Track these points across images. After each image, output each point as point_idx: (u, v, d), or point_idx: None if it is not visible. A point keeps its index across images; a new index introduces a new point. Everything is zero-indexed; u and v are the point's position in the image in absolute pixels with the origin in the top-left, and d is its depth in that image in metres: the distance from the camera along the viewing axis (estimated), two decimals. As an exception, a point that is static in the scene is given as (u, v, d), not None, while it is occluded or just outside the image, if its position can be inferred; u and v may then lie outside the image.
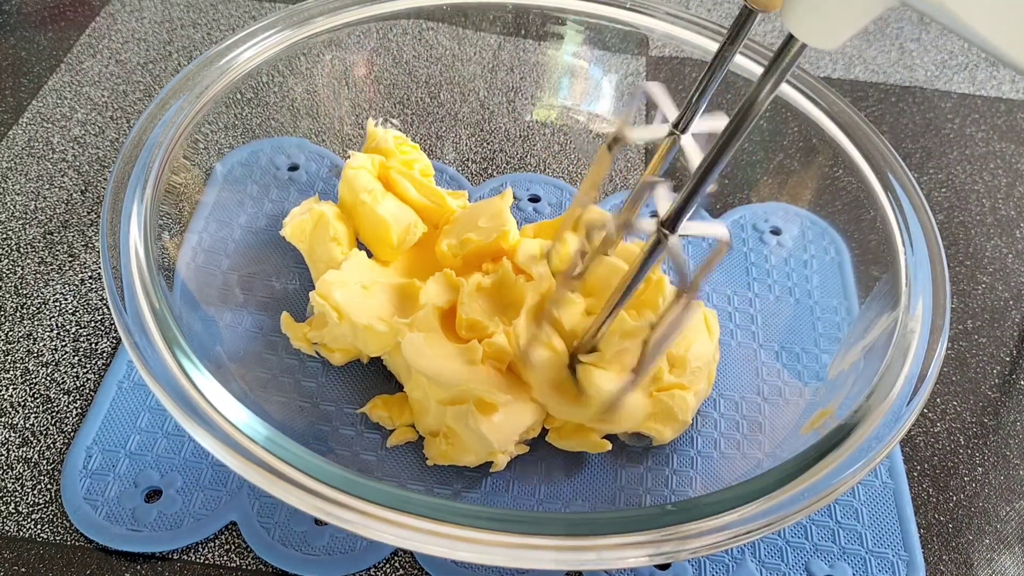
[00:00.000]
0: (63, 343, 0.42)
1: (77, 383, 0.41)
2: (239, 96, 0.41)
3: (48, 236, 0.47)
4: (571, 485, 0.38)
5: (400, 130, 0.48)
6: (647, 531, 0.26)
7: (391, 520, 0.26)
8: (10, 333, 0.43)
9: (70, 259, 0.46)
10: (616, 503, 0.38)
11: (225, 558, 0.36)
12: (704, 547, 0.26)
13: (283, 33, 0.42)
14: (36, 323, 0.43)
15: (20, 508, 0.37)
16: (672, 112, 0.31)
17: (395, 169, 0.43)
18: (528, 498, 0.37)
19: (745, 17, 0.29)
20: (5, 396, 0.40)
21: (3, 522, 0.36)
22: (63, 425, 0.39)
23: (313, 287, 0.41)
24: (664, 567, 0.36)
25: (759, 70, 0.43)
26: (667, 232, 0.28)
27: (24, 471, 0.38)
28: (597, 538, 0.26)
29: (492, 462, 0.36)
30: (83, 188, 0.50)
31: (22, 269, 0.45)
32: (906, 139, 0.58)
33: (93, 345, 0.42)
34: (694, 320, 0.38)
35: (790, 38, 0.24)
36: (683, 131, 0.31)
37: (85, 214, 0.48)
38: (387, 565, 0.36)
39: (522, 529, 0.26)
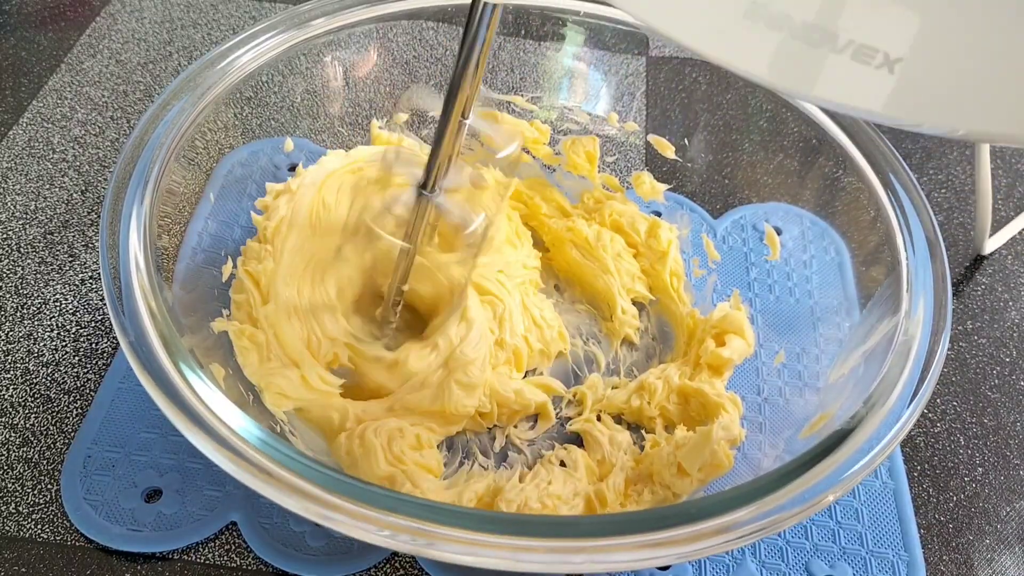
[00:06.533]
0: (63, 343, 0.42)
1: (77, 383, 0.41)
2: (239, 96, 0.41)
3: (48, 236, 0.47)
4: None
5: (403, 130, 0.48)
6: (640, 534, 0.26)
7: (384, 523, 0.26)
8: (10, 333, 0.43)
9: (70, 259, 0.46)
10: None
11: (225, 558, 0.36)
12: (697, 551, 0.26)
13: (284, 35, 0.42)
14: (36, 323, 0.43)
15: (20, 508, 0.37)
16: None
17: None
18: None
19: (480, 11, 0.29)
20: (5, 396, 0.40)
21: (3, 522, 0.36)
22: (63, 425, 0.39)
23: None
24: (664, 567, 0.36)
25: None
26: (427, 193, 0.34)
27: (24, 471, 0.38)
28: (589, 540, 0.26)
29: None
30: (83, 188, 0.50)
31: (22, 269, 0.45)
32: (906, 139, 0.58)
33: (93, 345, 0.42)
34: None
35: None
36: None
37: (85, 214, 0.48)
38: (387, 565, 0.36)
39: (515, 531, 0.26)
